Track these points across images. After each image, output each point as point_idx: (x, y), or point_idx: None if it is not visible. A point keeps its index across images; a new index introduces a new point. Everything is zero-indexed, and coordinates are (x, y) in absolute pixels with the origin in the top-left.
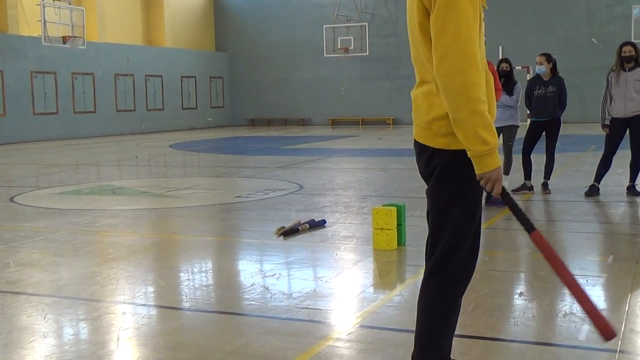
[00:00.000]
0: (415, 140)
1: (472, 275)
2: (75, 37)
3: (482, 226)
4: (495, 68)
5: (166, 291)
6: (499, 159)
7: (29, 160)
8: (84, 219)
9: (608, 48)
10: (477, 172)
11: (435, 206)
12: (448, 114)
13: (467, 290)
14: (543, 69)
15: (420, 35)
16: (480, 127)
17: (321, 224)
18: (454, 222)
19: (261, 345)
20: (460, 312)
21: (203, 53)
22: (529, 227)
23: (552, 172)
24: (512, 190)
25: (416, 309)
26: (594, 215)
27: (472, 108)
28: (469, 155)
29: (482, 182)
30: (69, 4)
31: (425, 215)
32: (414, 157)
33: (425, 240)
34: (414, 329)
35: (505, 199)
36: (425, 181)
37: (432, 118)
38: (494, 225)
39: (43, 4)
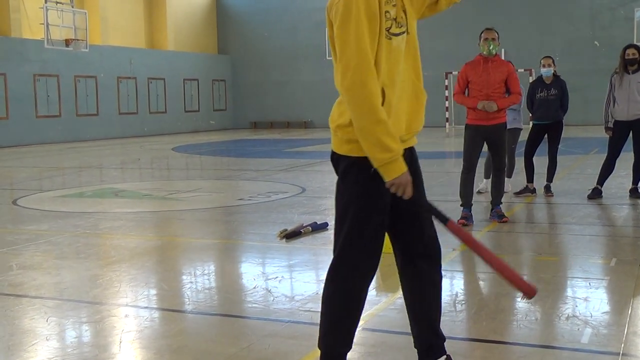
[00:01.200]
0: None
1: (369, 275)
2: (78, 40)
3: (486, 229)
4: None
5: (168, 294)
6: (404, 164)
7: (31, 163)
8: (86, 221)
9: (610, 51)
10: (385, 180)
11: (336, 209)
12: (350, 122)
13: (469, 292)
14: (550, 71)
15: (332, 48)
16: (383, 134)
17: (323, 226)
18: (350, 224)
19: (263, 348)
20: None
21: (205, 56)
22: (443, 219)
23: (555, 175)
24: (515, 193)
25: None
26: (597, 217)
27: (375, 117)
28: (375, 166)
29: (392, 189)
30: (72, 7)
31: None
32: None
33: None
34: None
35: (416, 202)
36: None
37: (336, 125)
38: (496, 228)
39: (46, 7)
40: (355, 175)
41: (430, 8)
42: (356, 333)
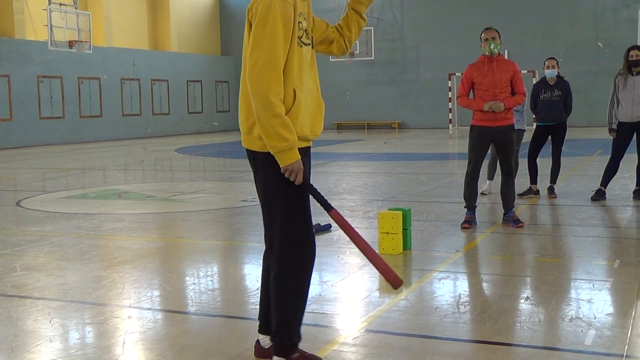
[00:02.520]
0: (244, 146)
1: (311, 263)
2: (81, 41)
3: (489, 230)
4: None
5: (172, 295)
6: (298, 153)
7: (35, 165)
8: (90, 223)
9: (614, 52)
10: (280, 165)
11: (263, 205)
12: None
13: (472, 294)
14: (554, 72)
15: (246, 48)
16: (280, 126)
17: (326, 228)
18: (281, 219)
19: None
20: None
21: (209, 57)
22: (327, 207)
23: (558, 176)
24: (519, 195)
25: (419, 314)
26: (601, 219)
27: (272, 111)
28: (272, 153)
29: (286, 175)
30: (75, 8)
31: None
32: (420, 162)
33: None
34: (420, 333)
35: (308, 187)
36: None
37: (251, 123)
38: (500, 230)
39: (49, 9)
40: (276, 169)
41: (323, 48)
42: (360, 334)
